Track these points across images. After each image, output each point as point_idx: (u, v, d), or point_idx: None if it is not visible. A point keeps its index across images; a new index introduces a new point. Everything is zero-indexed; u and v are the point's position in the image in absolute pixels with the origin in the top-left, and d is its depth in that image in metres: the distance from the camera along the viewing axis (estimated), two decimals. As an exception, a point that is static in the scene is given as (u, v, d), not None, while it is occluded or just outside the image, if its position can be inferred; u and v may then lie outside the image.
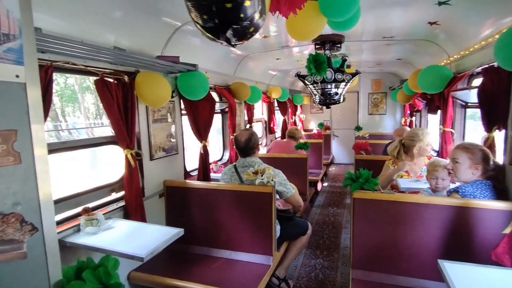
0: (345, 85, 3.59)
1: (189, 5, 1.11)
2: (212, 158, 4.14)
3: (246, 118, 5.02)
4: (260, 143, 2.90)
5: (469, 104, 3.52)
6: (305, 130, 8.39)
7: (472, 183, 2.21)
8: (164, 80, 2.62)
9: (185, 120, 3.34)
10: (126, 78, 2.41)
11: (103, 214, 2.18)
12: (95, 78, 2.19)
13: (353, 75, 3.62)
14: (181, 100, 3.20)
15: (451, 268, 1.58)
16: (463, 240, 2.12)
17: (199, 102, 3.18)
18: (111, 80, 2.29)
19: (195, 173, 3.54)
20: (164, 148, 2.98)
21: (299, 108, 8.27)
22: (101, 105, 2.23)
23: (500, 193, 2.23)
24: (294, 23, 2.11)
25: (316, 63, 2.99)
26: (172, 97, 2.95)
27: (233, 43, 1.18)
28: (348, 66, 5.81)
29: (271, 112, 6.30)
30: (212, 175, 3.66)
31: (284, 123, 7.01)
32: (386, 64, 6.30)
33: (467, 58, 3.16)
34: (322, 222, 4.80)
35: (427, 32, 3.44)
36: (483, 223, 2.08)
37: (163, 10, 2.43)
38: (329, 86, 3.53)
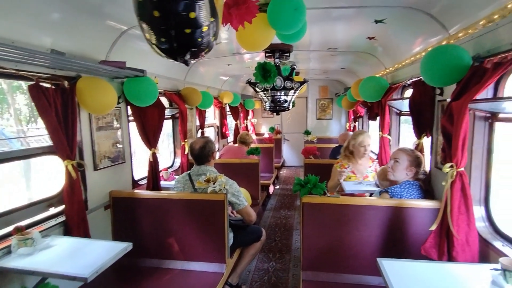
0: (294, 93, 3.73)
1: (144, 27, 1.10)
2: (162, 165, 4.02)
3: (198, 123, 4.95)
4: (214, 148, 2.88)
5: (402, 112, 3.89)
6: (256, 134, 8.52)
7: (401, 184, 2.48)
8: (108, 86, 2.48)
9: (133, 126, 3.20)
10: (66, 83, 2.24)
11: (40, 232, 1.99)
12: (29, 83, 2.00)
13: (301, 83, 3.79)
14: (128, 106, 3.06)
15: (388, 265, 1.74)
16: (399, 237, 2.34)
17: (148, 108, 3.07)
18: (48, 86, 2.12)
19: (145, 181, 3.40)
20: (110, 157, 2.82)
21: (250, 112, 8.37)
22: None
23: (425, 193, 2.51)
24: (244, 34, 2.14)
25: (264, 72, 3.07)
26: (118, 103, 2.81)
27: (188, 62, 1.21)
28: (297, 73, 6.06)
29: (223, 117, 6.30)
30: (163, 183, 3.55)
31: (236, 128, 7.05)
32: (332, 72, 6.69)
33: (401, 71, 3.50)
34: (274, 225, 4.92)
35: (367, 46, 3.73)
36: (414, 220, 2.32)
37: (107, 13, 2.31)
38: (278, 94, 3.64)
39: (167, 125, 4.47)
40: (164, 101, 3.87)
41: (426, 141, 2.72)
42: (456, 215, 1.93)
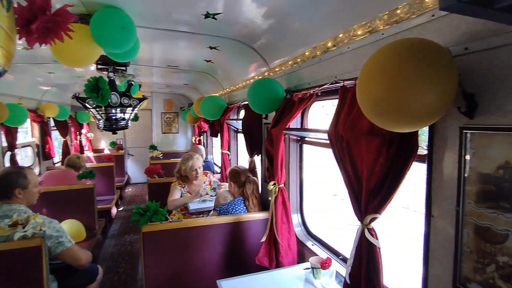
0: (132, 110, 3.48)
1: None
2: None
3: (5, 144, 3.89)
4: (26, 183, 2.29)
5: (239, 130, 4.28)
6: (94, 151, 7.52)
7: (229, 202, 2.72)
8: None
9: None
10: None
11: None
12: None
13: (140, 100, 3.57)
14: None
15: (227, 285, 1.84)
16: (239, 250, 2.52)
17: None
18: None
19: None
20: None
21: (85, 126, 7.30)
22: None
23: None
24: (60, 48, 1.82)
25: (97, 90, 2.72)
26: None
27: None
28: (140, 86, 5.72)
29: (45, 134, 5.20)
30: None
31: (65, 146, 5.97)
32: (176, 87, 6.69)
33: (236, 93, 3.85)
34: (117, 254, 4.41)
35: (206, 67, 3.91)
36: (251, 232, 2.55)
37: None
38: (114, 111, 3.30)
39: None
40: None
41: (258, 159, 3.07)
42: (280, 224, 2.25)
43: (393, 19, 1.30)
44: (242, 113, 4.12)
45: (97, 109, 3.32)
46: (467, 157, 1.05)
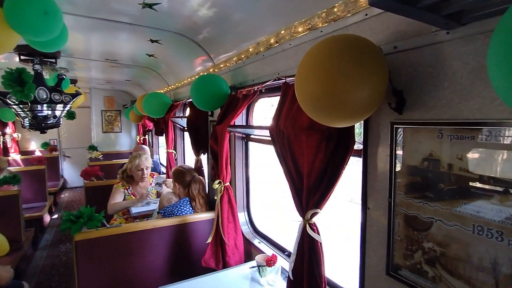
0: (64, 107, 3.15)
1: None
2: None
3: None
4: None
5: (185, 128, 4.13)
6: (22, 153, 6.73)
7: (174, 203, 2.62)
8: None
9: None
10: None
11: None
12: None
13: (74, 95, 3.25)
14: None
15: (170, 291, 1.74)
16: (185, 253, 2.42)
17: None
18: None
19: None
20: None
21: (10, 125, 6.47)
22: None
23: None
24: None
25: (20, 83, 2.40)
26: None
27: None
28: (75, 82, 5.23)
29: (-43, 134, 4.51)
30: None
31: (-15, 148, 5.26)
32: (117, 83, 6.25)
33: (182, 89, 3.70)
34: (50, 267, 4.00)
35: (149, 62, 3.70)
36: (197, 234, 2.46)
37: None
38: (40, 108, 2.95)
39: None
40: None
41: (204, 157, 2.98)
42: (226, 224, 2.20)
43: (331, 17, 1.32)
44: (188, 111, 3.99)
45: (21, 106, 2.95)
46: (398, 151, 1.11)
